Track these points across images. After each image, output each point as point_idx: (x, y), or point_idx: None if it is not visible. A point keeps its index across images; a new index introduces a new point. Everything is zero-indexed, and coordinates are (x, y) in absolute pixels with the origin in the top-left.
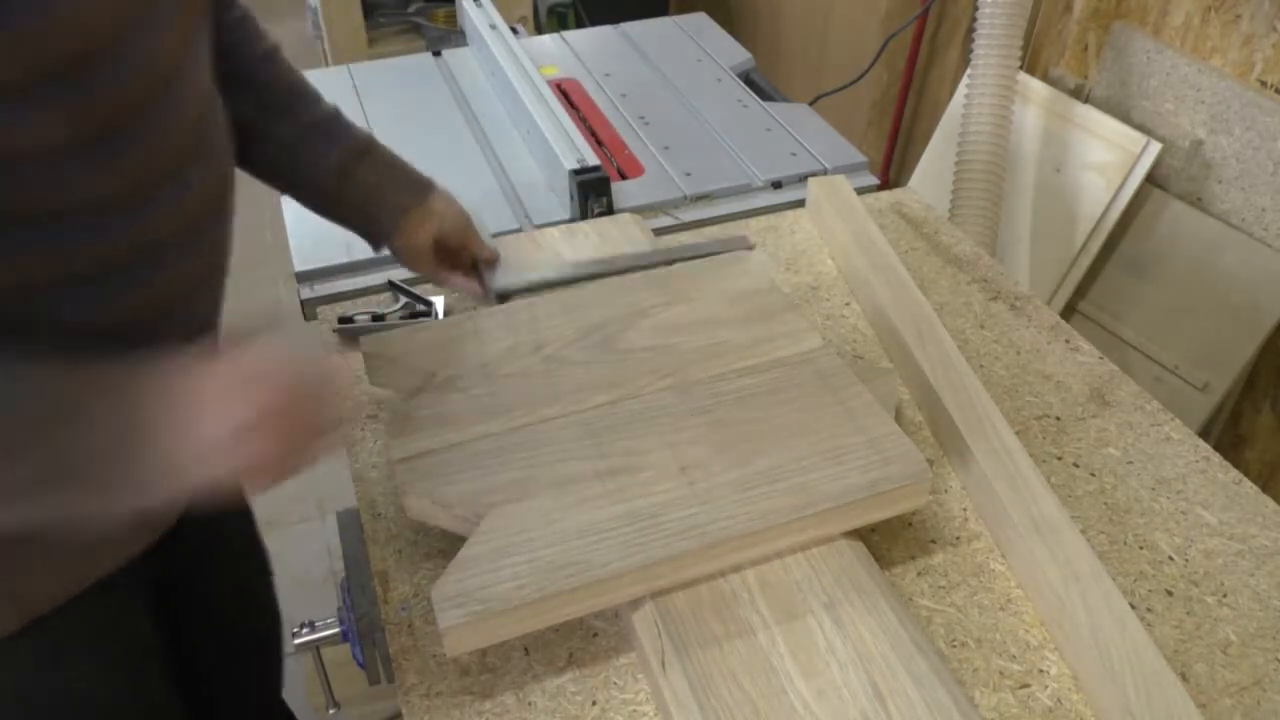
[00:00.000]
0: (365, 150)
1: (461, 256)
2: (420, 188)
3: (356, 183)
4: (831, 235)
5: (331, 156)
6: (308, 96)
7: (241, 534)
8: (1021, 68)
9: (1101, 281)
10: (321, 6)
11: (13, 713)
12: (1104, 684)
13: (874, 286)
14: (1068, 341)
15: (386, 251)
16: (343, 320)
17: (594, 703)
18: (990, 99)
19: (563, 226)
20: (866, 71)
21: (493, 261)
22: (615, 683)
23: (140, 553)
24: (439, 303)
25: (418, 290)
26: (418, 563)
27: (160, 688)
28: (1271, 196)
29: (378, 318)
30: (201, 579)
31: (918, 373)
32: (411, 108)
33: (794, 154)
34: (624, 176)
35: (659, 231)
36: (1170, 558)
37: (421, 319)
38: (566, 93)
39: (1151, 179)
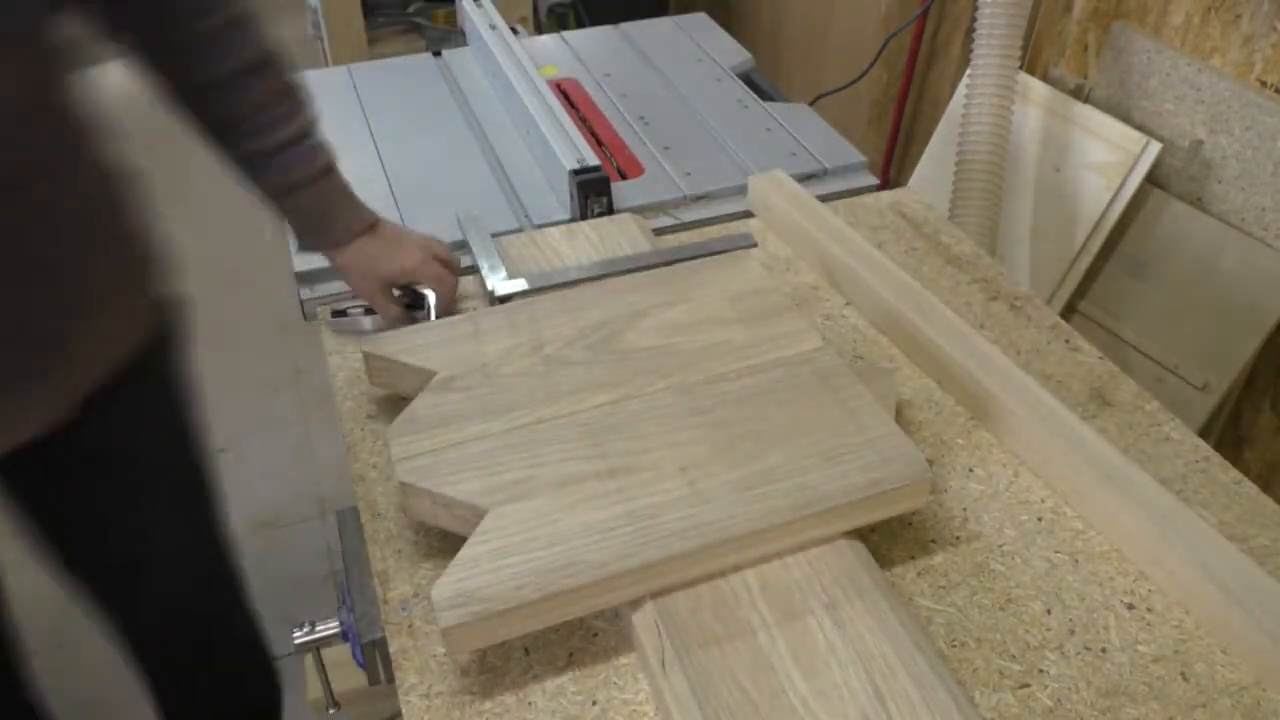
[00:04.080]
0: (324, 173)
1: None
2: (368, 217)
3: (304, 199)
4: (788, 229)
5: (291, 176)
6: (274, 117)
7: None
8: (1021, 68)
9: (1101, 281)
10: (321, 6)
11: None
12: (1230, 613)
13: (858, 273)
14: (1068, 341)
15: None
16: (336, 313)
17: (594, 703)
18: (990, 99)
19: (563, 227)
20: (866, 71)
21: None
22: (615, 683)
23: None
24: (431, 296)
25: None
26: (418, 563)
27: None
28: (1271, 196)
29: (370, 310)
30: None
31: (931, 348)
32: (411, 108)
33: (794, 154)
34: (624, 176)
35: (659, 231)
36: None
37: (414, 310)
38: (566, 93)
39: (1151, 179)
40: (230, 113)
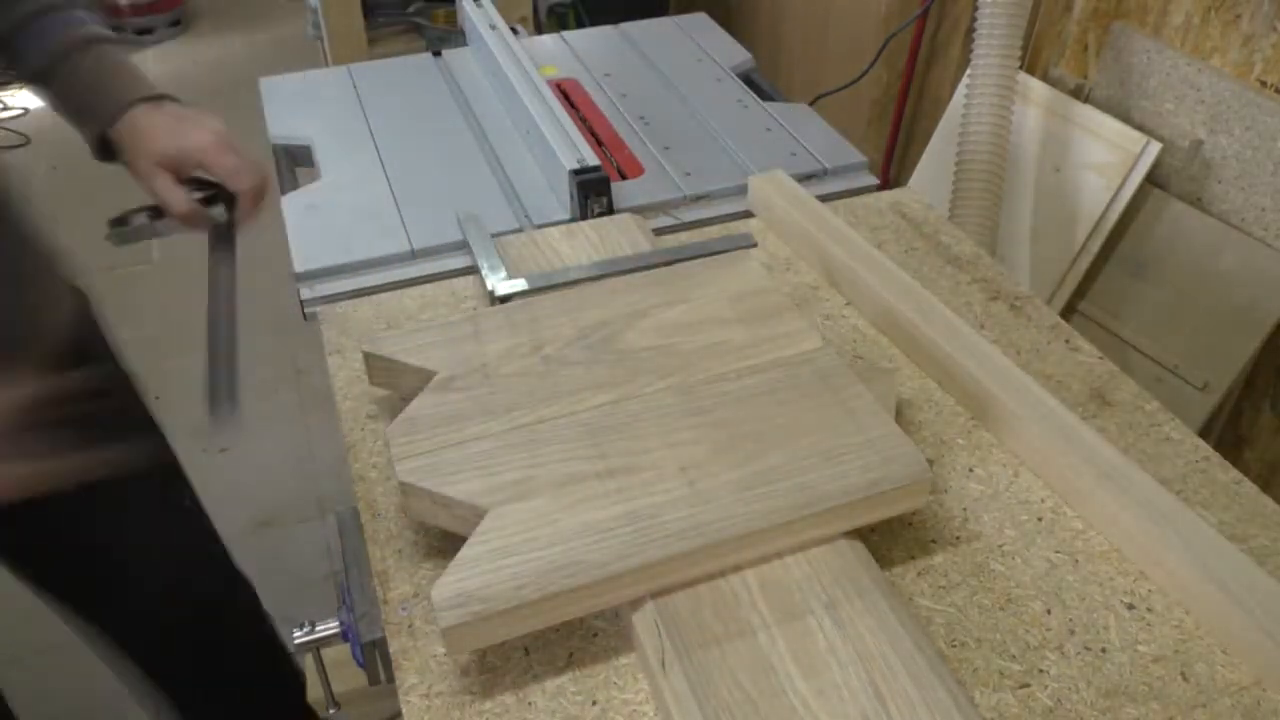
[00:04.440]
0: (91, 41)
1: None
2: (150, 89)
3: (74, 70)
4: (788, 229)
5: (51, 43)
6: None
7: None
8: (1021, 68)
9: (1101, 281)
10: (321, 6)
11: None
12: (1230, 613)
13: (858, 273)
14: (1068, 341)
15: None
16: (115, 222)
17: (594, 703)
18: (990, 99)
19: (563, 227)
20: (866, 71)
21: (238, 196)
22: (615, 683)
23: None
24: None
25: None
26: (418, 563)
27: None
28: (1271, 196)
29: (156, 212)
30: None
31: (931, 348)
32: (411, 108)
33: (794, 154)
34: (624, 176)
35: (659, 231)
36: None
37: (211, 206)
38: (566, 93)
39: (1151, 179)
40: None
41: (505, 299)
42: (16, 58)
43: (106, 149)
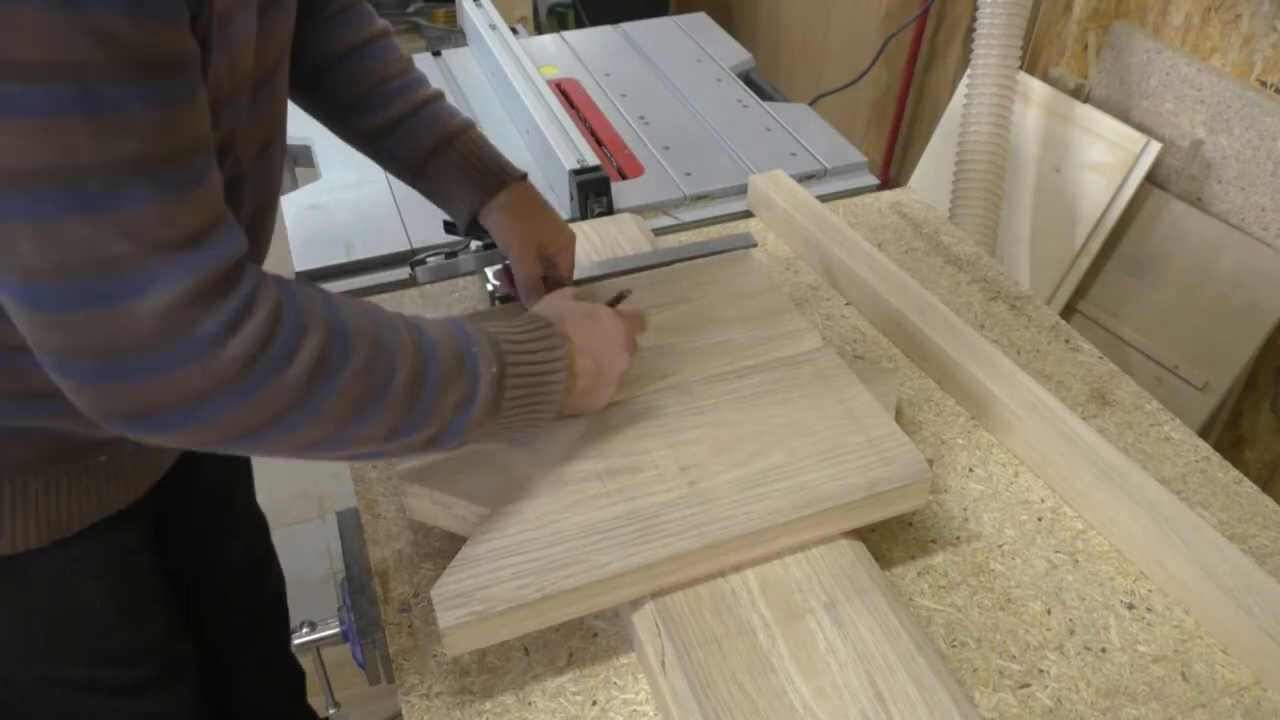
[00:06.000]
0: (458, 132)
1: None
2: (513, 171)
3: (448, 159)
4: (788, 229)
5: (423, 139)
6: (404, 82)
7: (243, 495)
8: (1021, 68)
9: (1101, 281)
10: None
11: (25, 623)
12: (1230, 613)
13: (858, 273)
14: (1068, 341)
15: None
16: (415, 263)
17: (594, 703)
18: (990, 99)
19: None
20: (866, 71)
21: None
22: (615, 683)
23: (149, 492)
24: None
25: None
26: (418, 563)
27: (159, 621)
28: (1271, 196)
29: (450, 254)
30: (205, 537)
31: (931, 348)
32: None
33: (794, 154)
34: (624, 176)
35: (659, 231)
36: None
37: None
38: (566, 93)
39: (1151, 179)
40: (364, 82)
41: (505, 300)
42: (392, 151)
43: (476, 225)
